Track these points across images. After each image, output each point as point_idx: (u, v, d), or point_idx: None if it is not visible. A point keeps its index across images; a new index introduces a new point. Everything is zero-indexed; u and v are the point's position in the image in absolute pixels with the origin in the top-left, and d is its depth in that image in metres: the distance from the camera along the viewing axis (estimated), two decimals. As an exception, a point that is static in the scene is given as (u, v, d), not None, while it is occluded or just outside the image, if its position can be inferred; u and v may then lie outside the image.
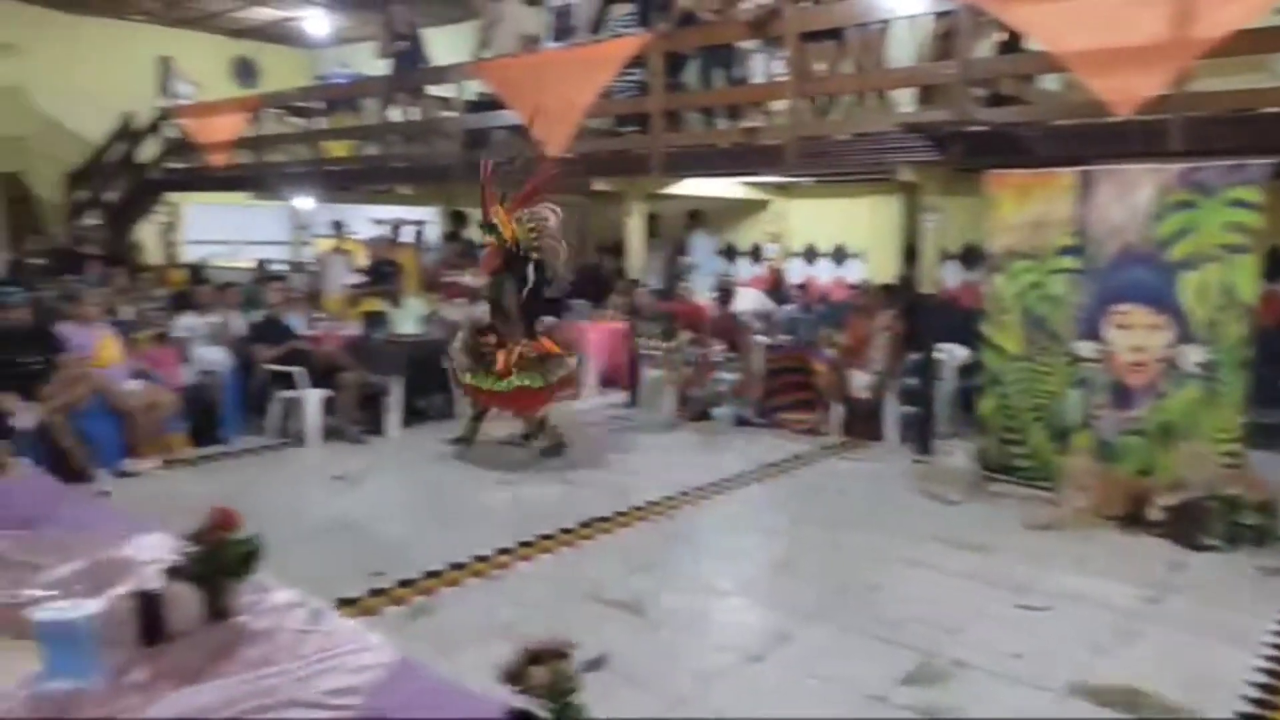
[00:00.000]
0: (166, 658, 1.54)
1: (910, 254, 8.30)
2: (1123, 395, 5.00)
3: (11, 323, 5.77)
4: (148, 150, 11.19)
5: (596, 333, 8.77)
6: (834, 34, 6.39)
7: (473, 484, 5.70)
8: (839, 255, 9.69)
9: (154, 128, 11.05)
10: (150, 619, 1.59)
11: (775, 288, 9.28)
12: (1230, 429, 4.69)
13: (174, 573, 1.67)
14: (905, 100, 6.55)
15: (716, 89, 7.30)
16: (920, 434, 6.36)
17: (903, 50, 6.40)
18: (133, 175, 11.18)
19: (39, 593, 1.78)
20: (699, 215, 10.16)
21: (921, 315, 6.48)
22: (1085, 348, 5.11)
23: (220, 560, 1.68)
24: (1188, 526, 4.51)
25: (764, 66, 7.25)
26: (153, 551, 2.00)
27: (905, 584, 4.11)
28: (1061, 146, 5.59)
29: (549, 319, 6.18)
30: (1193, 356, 4.77)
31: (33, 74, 11.06)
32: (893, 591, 4.01)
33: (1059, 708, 3.01)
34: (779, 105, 6.76)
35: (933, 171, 6.23)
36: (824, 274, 9.79)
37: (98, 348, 5.98)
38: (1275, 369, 5.23)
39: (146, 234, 11.37)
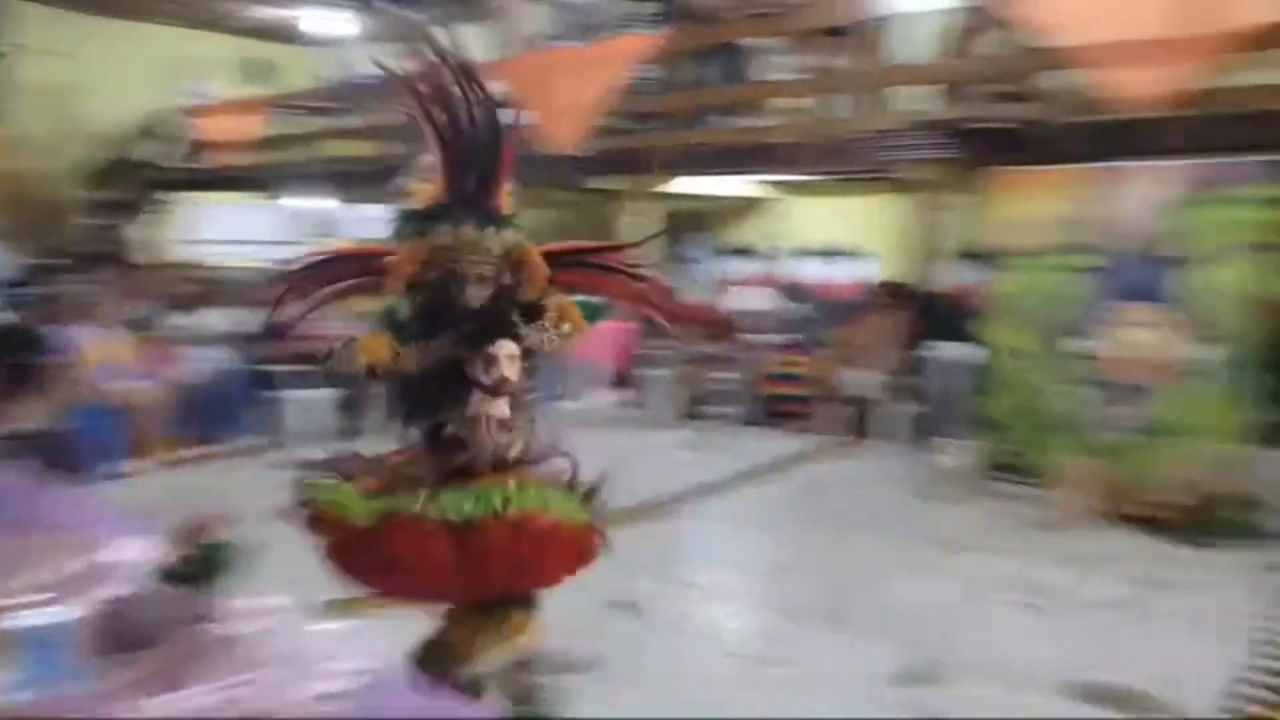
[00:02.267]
0: (150, 661, 1.51)
1: (920, 254, 8.21)
2: (1125, 393, 4.94)
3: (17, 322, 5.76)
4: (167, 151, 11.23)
5: (602, 330, 8.72)
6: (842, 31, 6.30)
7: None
8: (846, 255, 9.58)
9: (172, 129, 11.10)
10: (132, 623, 1.56)
11: (778, 286, 9.19)
12: (1233, 427, 4.63)
13: (157, 575, 1.64)
14: (923, 98, 6.44)
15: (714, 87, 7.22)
16: (920, 433, 6.28)
17: (919, 47, 6.27)
18: (144, 175, 11.21)
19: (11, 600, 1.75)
20: (684, 216, 9.96)
21: (931, 314, 6.41)
22: (1089, 346, 5.05)
23: (204, 564, 1.65)
24: (1188, 523, 4.53)
25: (772, 64, 7.16)
26: (138, 553, 1.97)
27: (907, 586, 4.07)
28: (1076, 144, 5.49)
29: None
30: (1198, 355, 4.71)
31: (72, 77, 11.09)
32: (894, 593, 3.99)
33: (1051, 707, 3.01)
34: (783, 103, 6.68)
35: (947, 169, 6.14)
36: (831, 273, 9.67)
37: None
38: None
39: (152, 233, 11.39)
